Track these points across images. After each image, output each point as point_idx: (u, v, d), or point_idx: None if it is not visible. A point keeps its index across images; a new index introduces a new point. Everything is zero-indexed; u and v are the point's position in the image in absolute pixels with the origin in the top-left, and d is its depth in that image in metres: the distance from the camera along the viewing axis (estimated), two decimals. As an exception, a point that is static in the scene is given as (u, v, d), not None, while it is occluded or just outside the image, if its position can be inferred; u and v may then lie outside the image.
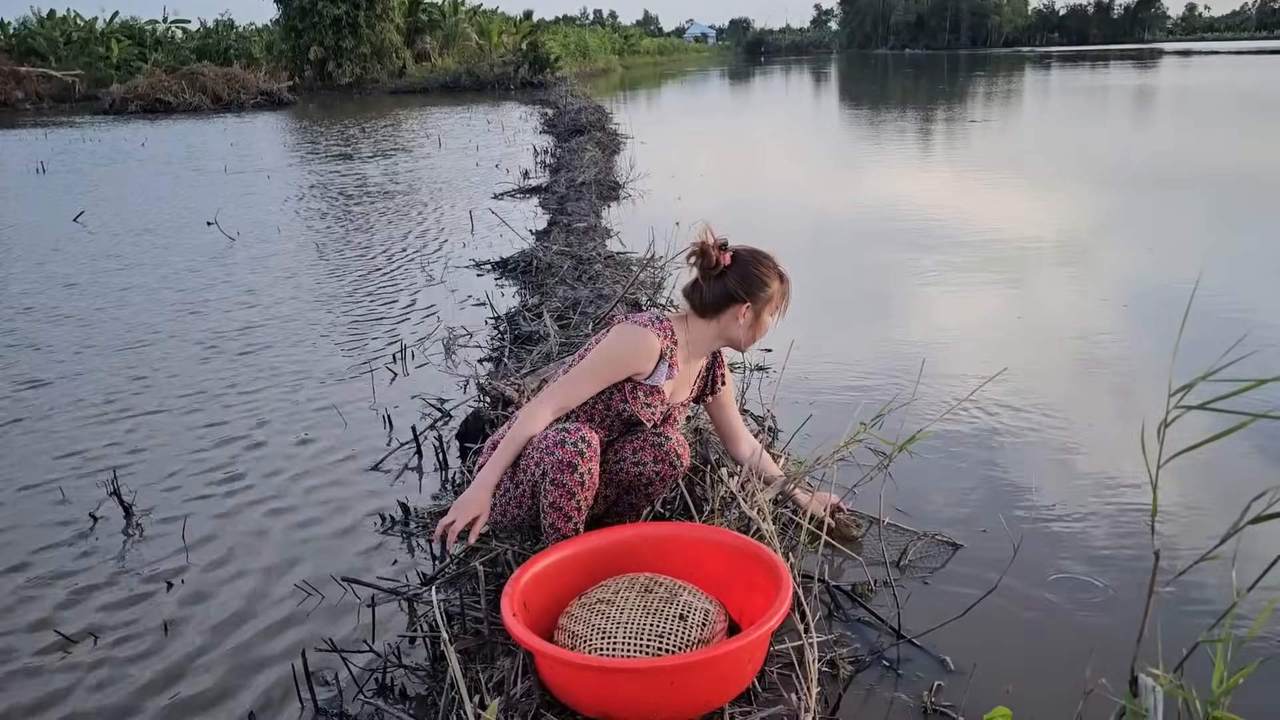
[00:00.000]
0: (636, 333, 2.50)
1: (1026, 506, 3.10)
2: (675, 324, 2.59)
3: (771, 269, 2.61)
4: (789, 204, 10.01)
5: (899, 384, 4.17)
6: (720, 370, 2.81)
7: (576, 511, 2.37)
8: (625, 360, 2.49)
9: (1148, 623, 1.16)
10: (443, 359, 4.94)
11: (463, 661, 2.27)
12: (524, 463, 2.39)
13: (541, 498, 2.38)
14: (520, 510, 2.50)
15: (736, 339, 2.63)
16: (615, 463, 2.55)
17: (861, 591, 2.65)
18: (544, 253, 6.76)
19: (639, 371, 2.50)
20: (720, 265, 2.55)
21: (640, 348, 2.48)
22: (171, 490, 3.53)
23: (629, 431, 2.59)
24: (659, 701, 1.92)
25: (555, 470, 2.32)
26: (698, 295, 2.60)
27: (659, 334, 2.51)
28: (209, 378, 4.77)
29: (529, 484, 2.40)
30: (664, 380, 2.55)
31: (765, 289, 2.58)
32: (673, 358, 2.54)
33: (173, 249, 8.14)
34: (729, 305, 2.57)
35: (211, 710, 2.33)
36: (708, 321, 2.61)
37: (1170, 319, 5.27)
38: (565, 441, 2.33)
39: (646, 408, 2.55)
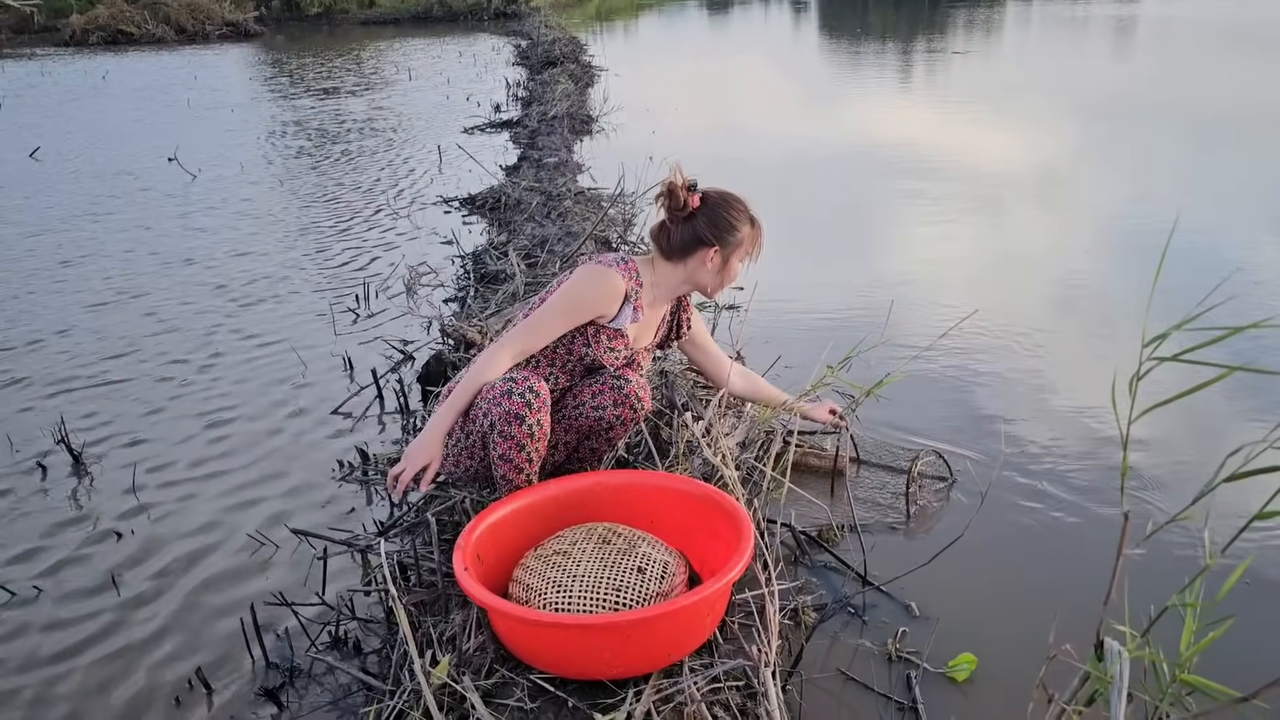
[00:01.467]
0: (601, 273, 2.40)
1: (996, 455, 3.04)
2: (641, 266, 2.49)
3: (742, 213, 2.50)
4: (765, 138, 9.83)
5: (871, 323, 4.09)
6: (685, 314, 2.72)
7: (527, 463, 2.29)
8: (589, 302, 2.39)
9: (1115, 585, 1.09)
10: (405, 299, 4.81)
11: (416, 614, 2.21)
12: (474, 412, 2.30)
13: (491, 449, 2.30)
14: (473, 461, 2.41)
15: (704, 284, 2.53)
16: (574, 407, 2.47)
17: (828, 537, 2.61)
18: (513, 189, 6.60)
19: (603, 314, 2.40)
20: (689, 207, 2.44)
21: (605, 289, 2.38)
22: (121, 437, 3.42)
23: (589, 375, 2.50)
24: (615, 656, 1.86)
25: (502, 422, 2.23)
26: (665, 238, 2.49)
27: (624, 275, 2.41)
28: (159, 321, 4.62)
29: (479, 434, 2.32)
30: (628, 324, 2.46)
31: (735, 233, 2.47)
32: (637, 300, 2.45)
33: (131, 185, 7.89)
34: (697, 249, 2.47)
35: (159, 665, 2.26)
36: (674, 265, 2.50)
37: (1150, 257, 5.21)
38: (512, 392, 2.23)
39: (609, 352, 2.46)
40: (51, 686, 2.20)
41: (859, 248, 5.74)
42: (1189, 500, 1.05)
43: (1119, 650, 1.10)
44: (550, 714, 1.88)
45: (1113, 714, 1.08)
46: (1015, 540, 2.63)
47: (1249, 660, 2.07)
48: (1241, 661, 2.00)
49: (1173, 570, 2.45)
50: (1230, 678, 1.12)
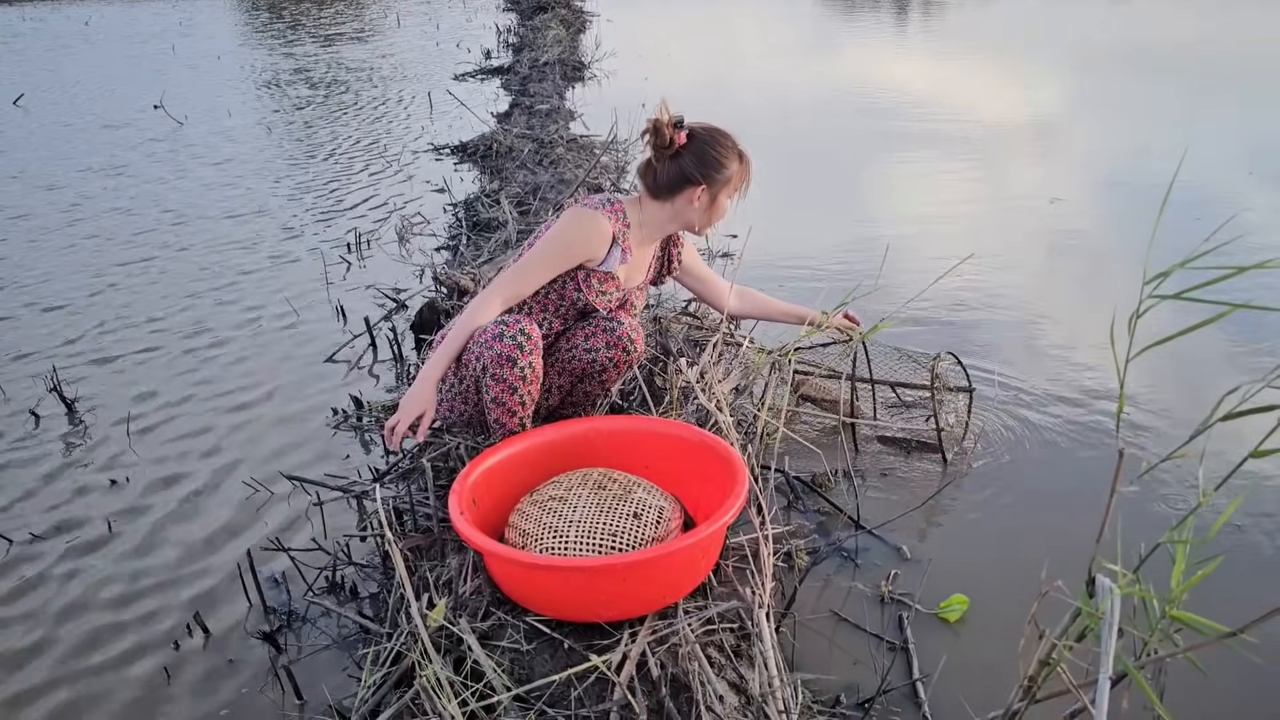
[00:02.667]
0: (587, 216, 2.37)
1: (990, 399, 3.05)
2: (627, 206, 2.47)
3: (730, 149, 2.46)
4: (760, 84, 9.72)
5: (868, 269, 4.07)
6: (676, 249, 2.69)
7: (520, 406, 2.29)
8: (576, 245, 2.37)
9: (1108, 522, 1.10)
10: (397, 247, 4.78)
11: (412, 559, 2.22)
12: (466, 357, 2.29)
13: (484, 393, 2.29)
14: (467, 406, 2.41)
15: (691, 222, 2.50)
16: (568, 350, 2.46)
17: (822, 483, 2.62)
18: (504, 136, 6.53)
19: (591, 257, 2.38)
20: (675, 144, 2.40)
21: (592, 232, 2.36)
22: (116, 386, 3.41)
23: (583, 319, 2.49)
24: (611, 599, 1.88)
25: (494, 365, 2.23)
26: (651, 175, 2.46)
27: (610, 217, 2.38)
28: (151, 271, 4.59)
29: (471, 379, 2.31)
30: (617, 265, 2.44)
31: (722, 170, 2.43)
32: (625, 241, 2.43)
33: (116, 133, 7.79)
34: (684, 187, 2.43)
35: (157, 610, 2.27)
36: (661, 203, 2.47)
37: (1148, 201, 5.19)
38: (504, 335, 2.22)
39: (601, 295, 2.44)
40: (50, 631, 2.22)
41: (855, 194, 5.71)
42: (1185, 440, 1.05)
43: (1110, 586, 1.11)
44: (546, 655, 1.90)
45: (1102, 648, 1.09)
46: (1009, 483, 2.64)
47: (1238, 596, 2.10)
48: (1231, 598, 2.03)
49: (1167, 508, 2.47)
50: (1220, 613, 1.13)
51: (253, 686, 2.02)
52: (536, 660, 1.89)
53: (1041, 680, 1.23)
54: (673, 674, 1.83)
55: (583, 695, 1.79)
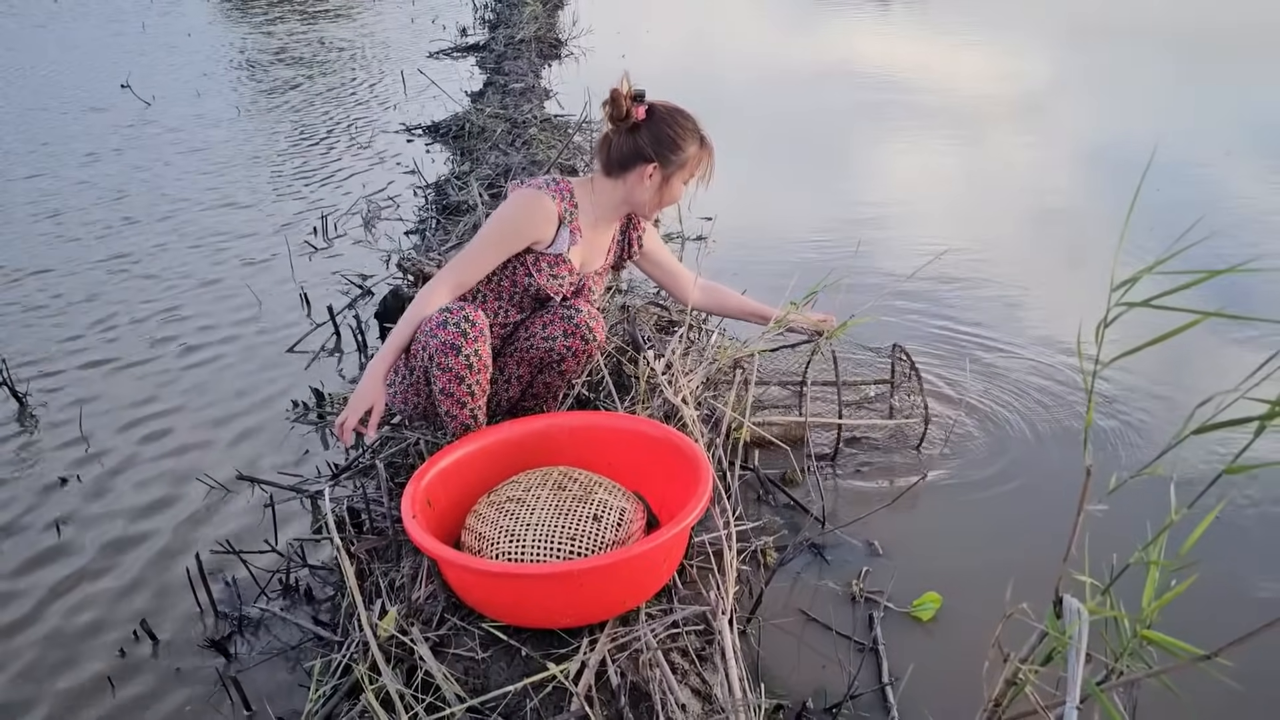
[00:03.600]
0: (531, 197, 2.28)
1: (960, 399, 2.98)
2: (577, 187, 2.37)
3: (689, 131, 2.34)
4: (739, 63, 9.60)
5: (841, 255, 4.00)
6: (636, 232, 2.58)
7: (469, 396, 2.20)
8: (520, 227, 2.27)
9: (1074, 542, 1.03)
10: (364, 232, 4.67)
11: (367, 562, 2.15)
12: (414, 348, 2.21)
13: (432, 383, 2.21)
14: (419, 398, 2.33)
15: (641, 202, 2.38)
16: (526, 339, 2.37)
17: (790, 479, 2.56)
18: (477, 116, 6.41)
19: (538, 239, 2.29)
20: (632, 118, 2.30)
21: (535, 213, 2.27)
22: (69, 377, 3.31)
23: (542, 308, 2.41)
24: (569, 605, 1.81)
25: (439, 353, 2.14)
26: (606, 150, 2.35)
27: (555, 196, 2.29)
28: (112, 255, 4.46)
29: (420, 370, 2.23)
30: (567, 248, 2.34)
31: (679, 152, 2.32)
32: (574, 222, 2.33)
33: (83, 113, 7.61)
34: (636, 164, 2.32)
35: (103, 616, 2.19)
36: (614, 181, 2.36)
37: (1128, 185, 5.14)
38: (448, 322, 2.14)
39: (553, 279, 2.34)
40: (-9, 639, 2.14)
41: (831, 176, 5.62)
42: (1158, 448, 0.98)
43: (1078, 608, 1.04)
44: (503, 663, 1.83)
45: (1069, 674, 1.03)
46: (983, 478, 2.59)
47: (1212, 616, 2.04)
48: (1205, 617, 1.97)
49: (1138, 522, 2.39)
50: (1193, 634, 1.07)
51: (200, 697, 1.95)
52: (492, 669, 1.82)
53: (1007, 702, 1.18)
54: (633, 682, 1.77)
55: (539, 706, 1.72)
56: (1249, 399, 0.91)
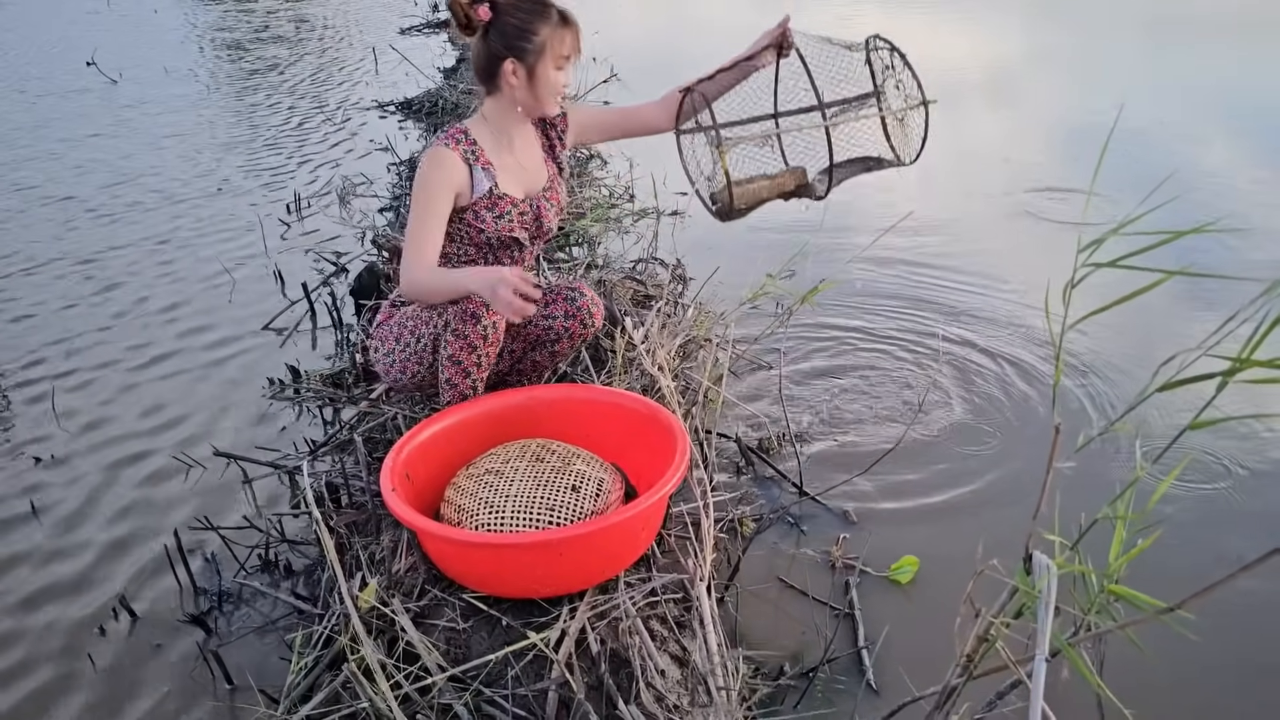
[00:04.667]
0: (429, 155, 2.26)
1: (933, 362, 3.01)
2: (471, 124, 2.33)
3: (537, 12, 2.20)
4: (713, 33, 9.56)
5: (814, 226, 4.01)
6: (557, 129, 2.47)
7: (476, 366, 2.20)
8: (434, 185, 2.24)
9: (1045, 498, 1.06)
10: (338, 209, 4.64)
11: (346, 536, 2.15)
12: (428, 313, 2.21)
13: (441, 349, 2.21)
14: (420, 366, 2.32)
15: (526, 103, 2.27)
16: None
17: (766, 447, 2.58)
18: (450, 92, 6.36)
19: (459, 190, 2.27)
20: (475, 22, 2.21)
21: (438, 168, 2.23)
22: (40, 356, 3.28)
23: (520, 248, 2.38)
24: (548, 575, 1.83)
25: (458, 320, 2.14)
26: (474, 64, 2.30)
27: (449, 143, 2.26)
28: (80, 233, 4.42)
29: (430, 337, 2.23)
30: (491, 186, 2.30)
31: (531, 38, 2.19)
32: (481, 158, 2.29)
33: (46, 91, 7.49)
34: (497, 68, 2.24)
35: (81, 593, 2.19)
36: (495, 97, 2.30)
37: (1093, 152, 5.17)
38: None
39: (501, 220, 2.31)
40: (-32, 618, 2.13)
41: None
42: (1124, 408, 1.01)
43: (1047, 564, 1.07)
44: (483, 632, 1.85)
45: (1039, 627, 1.06)
46: (954, 444, 2.62)
47: (1178, 570, 2.09)
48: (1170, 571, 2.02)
49: (1108, 482, 2.44)
50: (1158, 588, 1.10)
51: (181, 671, 1.95)
52: (473, 638, 1.84)
53: (979, 658, 1.20)
54: (613, 649, 1.79)
55: (520, 674, 1.74)
56: (1212, 356, 0.93)
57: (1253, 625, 1.98)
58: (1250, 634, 1.97)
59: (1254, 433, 2.61)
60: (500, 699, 1.69)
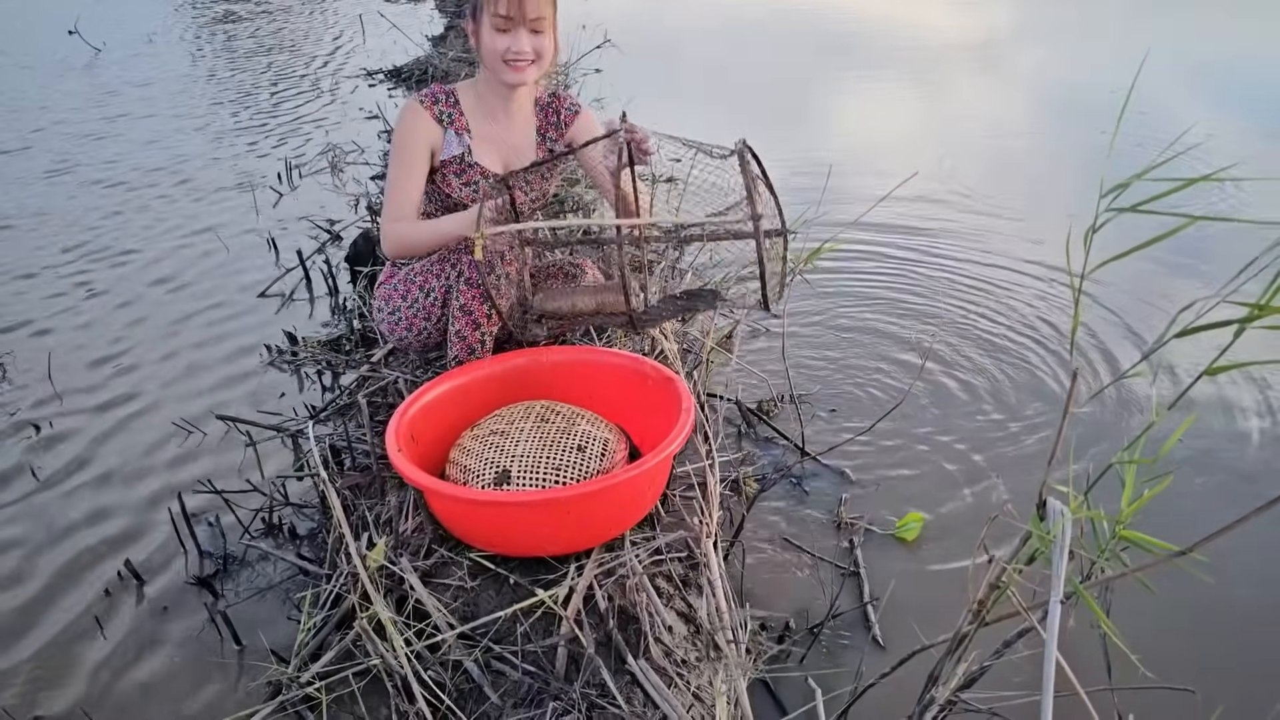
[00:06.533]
0: (404, 109, 2.27)
1: (939, 315, 3.03)
2: (463, 85, 2.33)
3: None
4: (704, 3, 9.49)
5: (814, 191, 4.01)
6: (561, 116, 2.44)
7: (486, 319, 2.21)
8: (406, 141, 2.25)
9: (1060, 444, 1.07)
10: (330, 177, 4.61)
11: (351, 498, 2.15)
12: (439, 267, 2.21)
13: (452, 301, 2.21)
14: (428, 322, 2.33)
15: (492, 67, 2.24)
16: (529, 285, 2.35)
17: (767, 409, 2.59)
18: (440, 60, 6.30)
19: (433, 148, 2.27)
20: None
21: (410, 123, 2.25)
22: (35, 328, 3.26)
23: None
24: (556, 533, 1.84)
25: (471, 269, 2.16)
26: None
27: (425, 100, 2.26)
28: (72, 202, 4.38)
29: (440, 291, 2.24)
30: (464, 152, 2.29)
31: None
32: (457, 122, 2.28)
33: (26, 60, 7.38)
34: (468, 32, 2.26)
35: (87, 559, 2.18)
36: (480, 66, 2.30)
37: (1094, 116, 5.18)
38: None
39: (468, 187, 2.31)
40: (-27, 583, 2.13)
41: (798, 115, 5.61)
42: (1138, 359, 1.02)
43: (1061, 509, 1.08)
44: (491, 591, 1.86)
45: (1054, 572, 1.07)
46: (959, 399, 2.64)
47: (1192, 514, 2.12)
48: (1184, 516, 2.05)
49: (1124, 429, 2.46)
50: (1172, 532, 1.11)
51: (190, 633, 1.96)
52: (481, 597, 1.85)
53: (991, 604, 1.22)
54: (620, 606, 1.81)
55: (529, 630, 1.75)
56: (1229, 302, 0.94)
57: (1267, 570, 2.01)
58: (1264, 579, 1.99)
59: (1273, 380, 2.62)
60: (510, 655, 1.70)
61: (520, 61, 2.21)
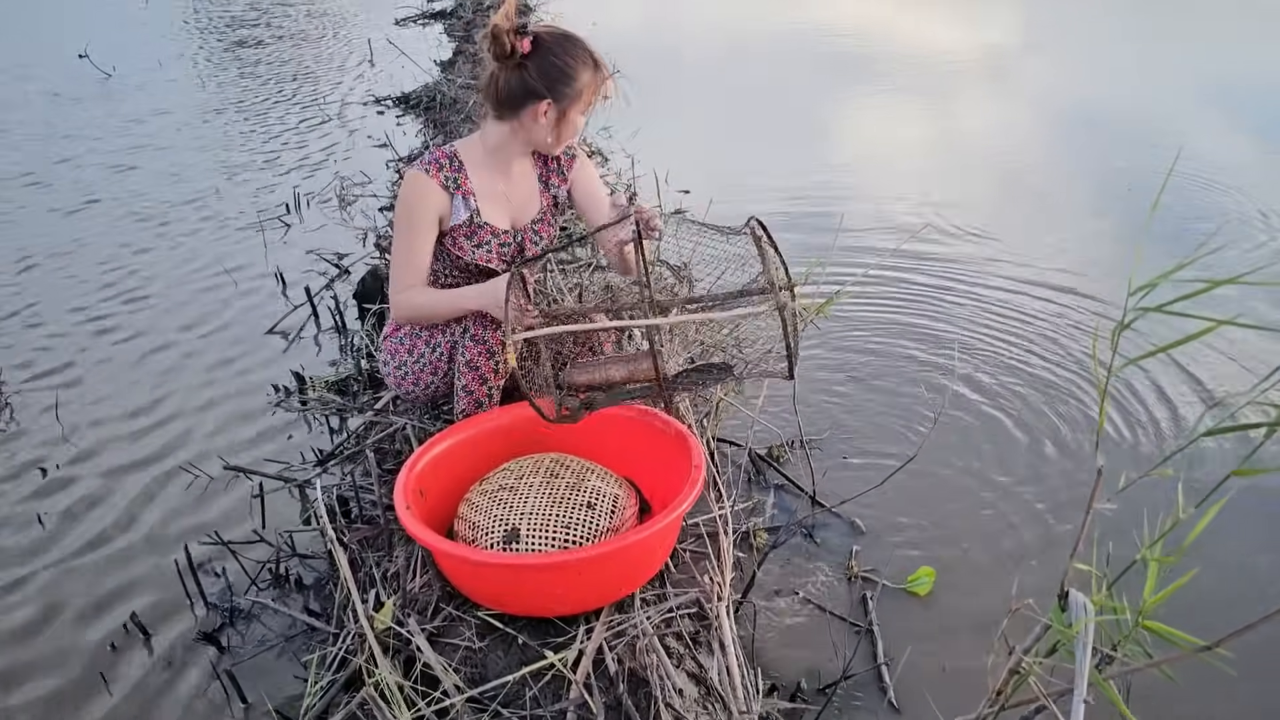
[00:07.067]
0: (409, 179, 2.24)
1: (950, 369, 2.99)
2: (463, 146, 2.29)
3: (580, 58, 2.15)
4: (711, 28, 9.51)
5: (822, 222, 4.00)
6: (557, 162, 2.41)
7: (493, 374, 2.21)
8: (413, 210, 2.21)
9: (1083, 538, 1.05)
10: (338, 209, 4.61)
11: (358, 550, 2.14)
12: (442, 322, 2.21)
13: (458, 355, 2.20)
14: (435, 377, 2.31)
15: (541, 141, 2.24)
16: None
17: (777, 455, 2.57)
18: (448, 86, 6.32)
19: (441, 214, 2.24)
20: (517, 53, 2.16)
21: (415, 193, 2.21)
22: (42, 367, 3.25)
23: None
24: (566, 594, 1.82)
25: (477, 325, 2.16)
26: (493, 90, 2.22)
27: (429, 168, 2.22)
28: (80, 236, 4.38)
29: (447, 345, 2.23)
30: (471, 215, 2.26)
31: (571, 83, 2.14)
32: (462, 187, 2.25)
33: (38, 84, 7.42)
34: (528, 102, 2.17)
35: (92, 611, 2.17)
36: (506, 124, 2.22)
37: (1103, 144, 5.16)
38: None
39: (480, 249, 2.28)
40: (-22, 636, 2.11)
41: (806, 141, 5.60)
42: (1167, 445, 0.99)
43: (1084, 604, 1.06)
44: (500, 651, 1.83)
45: (1077, 669, 1.05)
46: (973, 445, 2.62)
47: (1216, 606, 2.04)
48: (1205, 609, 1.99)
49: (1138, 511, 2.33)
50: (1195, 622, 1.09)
51: (196, 690, 1.94)
52: (489, 657, 1.83)
53: (1010, 691, 1.20)
54: (630, 668, 1.78)
55: (538, 694, 1.73)
56: (1258, 404, 0.92)
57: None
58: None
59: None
60: (519, 719, 1.68)
61: None
